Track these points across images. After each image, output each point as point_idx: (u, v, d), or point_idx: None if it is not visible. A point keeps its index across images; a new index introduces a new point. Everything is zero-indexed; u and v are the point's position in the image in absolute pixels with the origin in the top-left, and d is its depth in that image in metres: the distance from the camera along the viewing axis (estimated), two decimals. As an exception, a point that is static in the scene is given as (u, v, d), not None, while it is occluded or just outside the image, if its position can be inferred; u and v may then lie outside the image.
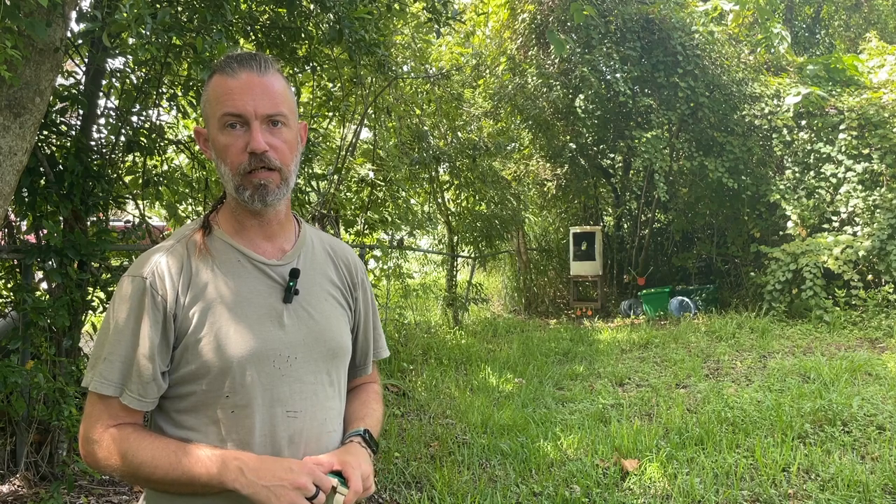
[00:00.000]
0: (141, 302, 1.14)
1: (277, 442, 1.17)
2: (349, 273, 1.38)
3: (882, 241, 8.21)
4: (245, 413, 1.15)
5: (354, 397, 1.44)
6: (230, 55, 1.21)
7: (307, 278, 1.27)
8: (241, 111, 1.15)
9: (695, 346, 7.46)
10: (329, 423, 1.25)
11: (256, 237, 1.25)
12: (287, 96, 1.21)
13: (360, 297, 1.40)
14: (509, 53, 10.87)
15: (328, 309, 1.29)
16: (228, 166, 1.17)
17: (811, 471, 3.60)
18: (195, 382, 1.16)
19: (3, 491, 3.15)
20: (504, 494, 3.44)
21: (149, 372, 1.14)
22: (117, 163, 3.91)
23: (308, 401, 1.21)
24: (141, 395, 1.14)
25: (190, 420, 1.17)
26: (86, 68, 3.61)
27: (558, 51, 6.96)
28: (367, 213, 6.52)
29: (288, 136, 1.20)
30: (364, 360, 1.45)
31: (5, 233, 3.36)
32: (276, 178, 1.18)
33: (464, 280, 11.48)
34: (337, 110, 6.16)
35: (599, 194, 13.12)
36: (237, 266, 1.21)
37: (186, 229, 1.27)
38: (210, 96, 1.19)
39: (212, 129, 1.19)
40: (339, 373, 1.30)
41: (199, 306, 1.16)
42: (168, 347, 1.16)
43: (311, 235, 1.36)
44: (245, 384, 1.15)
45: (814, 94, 9.04)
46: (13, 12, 2.06)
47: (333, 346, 1.27)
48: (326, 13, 3.95)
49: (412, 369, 6.38)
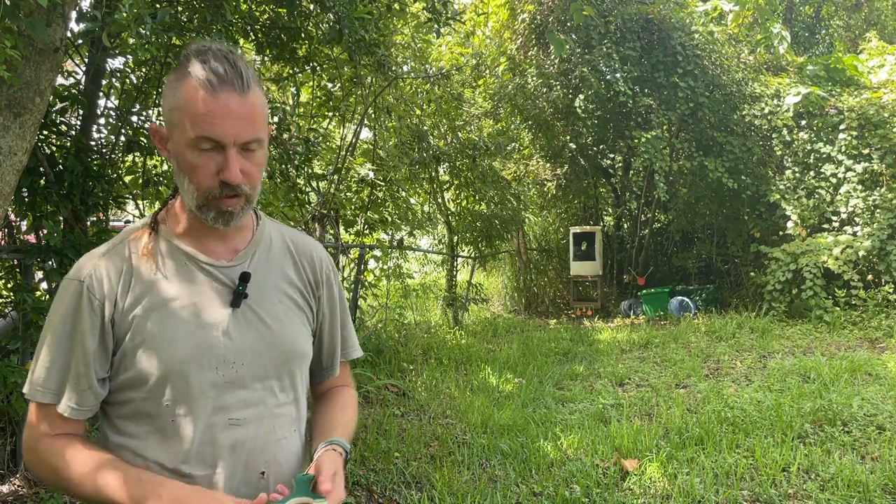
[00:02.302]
0: (78, 306, 1.10)
1: (217, 451, 1.12)
2: (312, 271, 1.31)
3: (882, 241, 8.21)
4: (185, 422, 1.11)
5: (327, 402, 1.37)
6: (206, 58, 1.08)
7: (260, 279, 1.21)
8: (219, 137, 1.06)
9: (695, 346, 7.46)
10: (279, 430, 1.19)
11: (208, 238, 1.19)
12: (264, 114, 1.14)
13: (323, 295, 1.32)
14: (509, 53, 10.87)
15: (282, 312, 1.22)
16: (194, 185, 1.10)
17: (811, 471, 3.60)
18: (134, 390, 1.11)
19: (3, 491, 3.15)
20: (504, 494, 3.44)
21: (85, 380, 1.09)
22: (117, 163, 3.90)
23: (254, 408, 1.16)
24: (78, 404, 1.10)
25: (131, 427, 1.13)
26: (86, 68, 3.61)
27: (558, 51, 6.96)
28: (367, 213, 6.52)
29: (261, 159, 1.14)
30: (330, 361, 1.38)
31: (5, 233, 3.36)
32: (241, 202, 1.13)
33: (464, 280, 11.48)
34: (337, 110, 6.16)
35: (599, 194, 13.12)
36: (183, 268, 1.16)
37: (132, 229, 1.21)
38: (182, 105, 1.07)
39: (179, 141, 1.09)
40: (293, 378, 1.24)
41: (140, 311, 1.11)
42: (106, 354, 1.11)
43: (271, 231, 1.29)
44: (185, 392, 1.10)
45: (814, 94, 9.04)
46: (13, 12, 2.06)
47: (286, 351, 1.21)
48: (326, 13, 3.95)
49: (412, 369, 6.38)
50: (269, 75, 5.27)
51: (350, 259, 6.47)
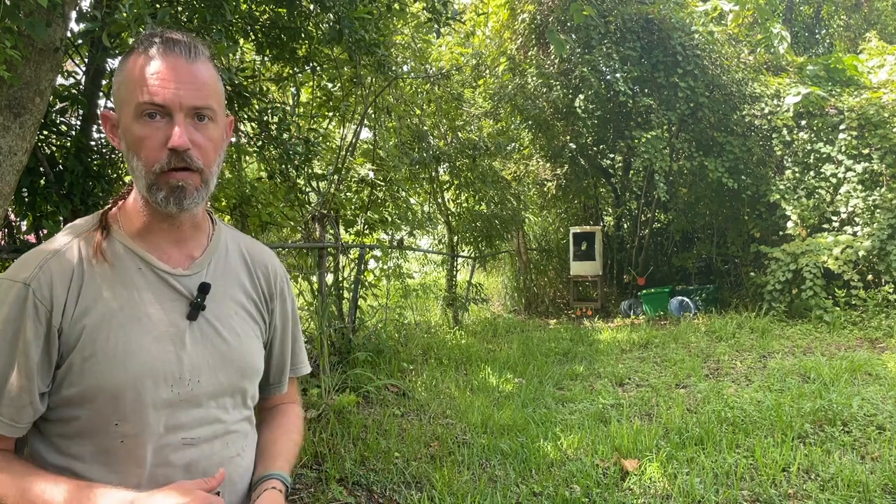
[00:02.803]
0: (21, 312, 0.99)
1: (171, 472, 1.04)
2: (266, 281, 1.24)
3: (882, 241, 8.21)
4: (136, 443, 1.02)
5: (272, 422, 1.32)
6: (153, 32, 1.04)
7: (217, 290, 1.13)
8: (164, 101, 1.00)
9: (695, 346, 7.46)
10: (232, 448, 1.13)
11: (163, 241, 1.10)
12: (217, 88, 1.07)
13: (276, 308, 1.26)
14: (509, 53, 10.87)
15: (238, 325, 1.16)
16: (142, 161, 1.02)
17: (811, 471, 3.60)
18: (80, 407, 1.01)
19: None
20: (504, 494, 3.44)
21: (25, 394, 0.99)
22: (117, 163, 3.91)
23: (210, 427, 1.09)
24: (13, 420, 1.00)
25: (73, 447, 1.03)
26: (86, 68, 3.61)
27: (558, 51, 6.96)
28: (367, 213, 6.52)
29: (214, 134, 1.06)
30: (279, 377, 1.32)
31: (5, 233, 3.36)
32: (195, 180, 1.04)
33: (464, 280, 11.48)
34: (337, 110, 6.16)
35: (599, 194, 13.13)
36: (137, 275, 1.07)
37: (81, 227, 1.10)
38: (126, 78, 1.03)
39: (125, 117, 1.03)
40: (246, 395, 1.17)
41: (89, 320, 1.01)
42: (50, 366, 1.01)
43: (227, 238, 1.22)
44: (137, 411, 1.01)
45: (814, 94, 9.04)
46: (13, 12, 2.06)
47: (242, 367, 1.14)
48: (326, 13, 3.95)
49: (412, 369, 6.38)
50: (269, 75, 5.27)
51: (350, 259, 6.47)
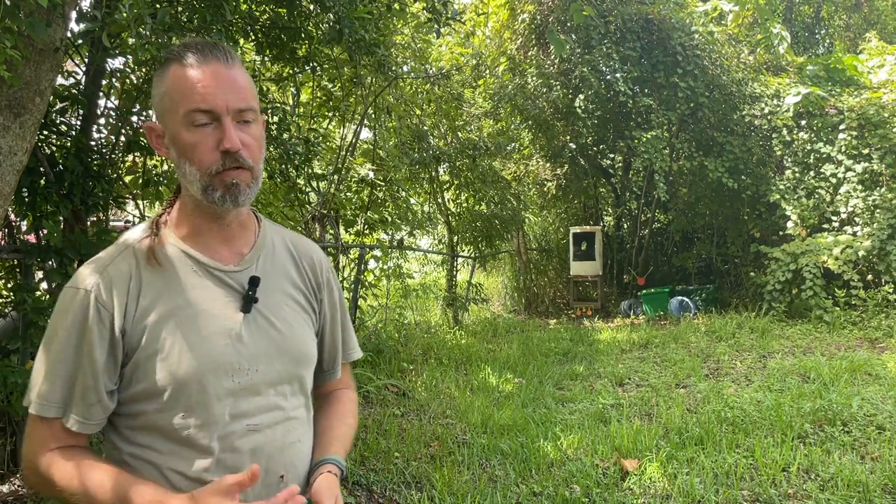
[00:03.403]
0: (85, 317, 1.06)
1: (238, 458, 1.11)
2: (313, 273, 1.30)
3: (882, 241, 8.21)
4: (202, 432, 1.08)
5: (327, 408, 1.37)
6: (187, 43, 1.10)
7: (267, 283, 1.19)
8: (212, 106, 1.06)
9: (695, 346, 7.46)
10: (293, 432, 1.19)
11: (213, 241, 1.16)
12: (253, 90, 1.14)
13: (325, 298, 1.32)
14: (509, 53, 10.87)
15: (290, 315, 1.22)
16: (196, 166, 1.08)
17: (811, 471, 3.60)
18: (147, 402, 1.08)
19: (4, 491, 3.15)
20: (504, 494, 3.44)
21: (93, 393, 1.06)
22: (117, 163, 3.90)
23: (270, 413, 1.15)
24: (85, 418, 1.07)
25: (144, 438, 1.10)
26: (86, 68, 3.61)
27: (558, 51, 6.96)
28: (367, 213, 6.52)
29: (257, 133, 1.13)
30: (332, 364, 1.38)
31: (5, 233, 3.36)
32: (247, 177, 1.11)
33: (464, 280, 11.48)
34: (337, 110, 6.16)
35: (599, 194, 13.13)
36: (191, 275, 1.13)
37: (135, 233, 1.17)
38: (169, 88, 1.09)
39: (173, 126, 1.09)
40: (302, 381, 1.23)
41: (150, 320, 1.08)
42: (116, 365, 1.08)
43: (272, 234, 1.28)
44: (202, 402, 1.08)
45: (814, 94, 9.04)
46: (13, 12, 2.06)
47: (296, 355, 1.20)
48: (326, 13, 3.95)
49: (412, 369, 6.38)
50: (269, 75, 5.27)
51: (350, 259, 6.47)
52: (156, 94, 1.12)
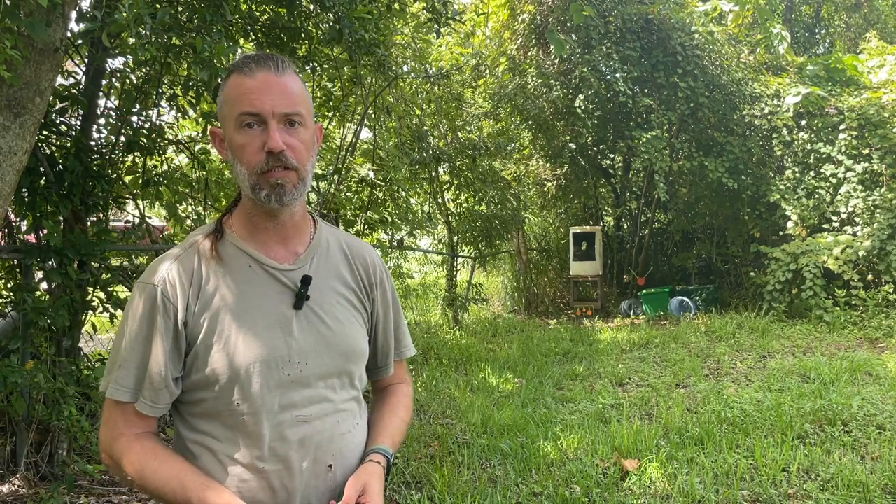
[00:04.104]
0: (153, 310, 1.16)
1: (287, 446, 1.18)
2: (366, 273, 1.36)
3: (882, 241, 8.21)
4: (254, 420, 1.16)
5: (381, 402, 1.44)
6: (248, 55, 1.20)
7: (320, 282, 1.26)
8: (259, 110, 1.14)
9: (695, 346, 7.46)
10: (343, 424, 1.25)
11: (270, 240, 1.24)
12: (304, 97, 1.21)
13: (377, 297, 1.38)
14: (509, 53, 10.87)
15: (341, 313, 1.28)
16: (245, 165, 1.17)
17: (811, 471, 3.60)
18: (206, 389, 1.17)
19: (3, 491, 3.15)
20: (504, 494, 3.44)
21: (160, 379, 1.15)
22: (117, 163, 3.91)
23: (319, 405, 1.22)
24: (154, 402, 1.16)
25: (204, 425, 1.19)
26: (86, 68, 3.62)
27: (558, 51, 6.96)
28: (367, 213, 6.52)
29: (304, 136, 1.20)
30: (385, 360, 1.44)
31: (5, 233, 3.36)
32: (293, 178, 1.18)
33: (464, 280, 11.48)
34: (337, 110, 6.16)
35: (599, 194, 13.12)
36: (248, 271, 1.21)
37: (198, 233, 1.27)
38: (227, 96, 1.19)
39: (228, 129, 1.19)
40: (352, 376, 1.29)
41: (209, 313, 1.17)
42: (179, 355, 1.17)
43: (327, 235, 1.35)
44: (253, 392, 1.16)
45: (814, 94, 9.04)
46: (13, 12, 2.06)
47: (346, 351, 1.26)
48: (326, 13, 3.95)
49: (412, 369, 6.39)
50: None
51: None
52: (219, 102, 1.22)
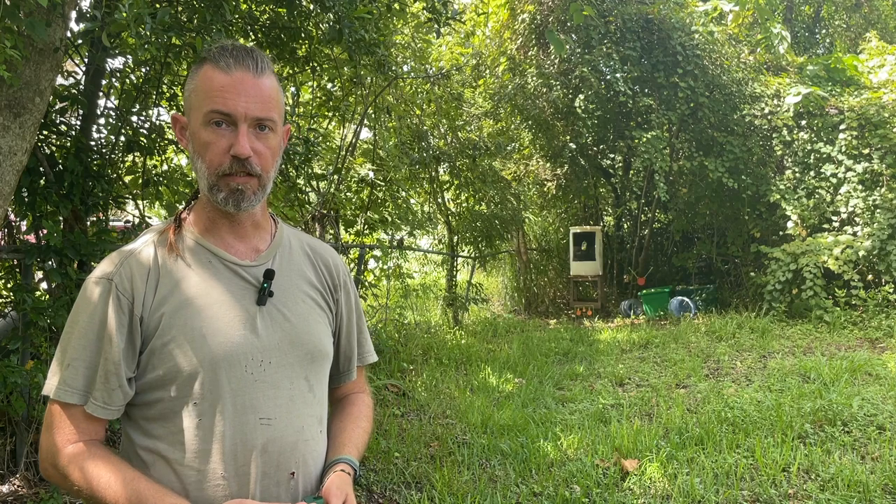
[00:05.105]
0: (105, 304, 1.09)
1: (248, 451, 1.11)
2: (329, 274, 1.32)
3: (882, 241, 8.21)
4: (213, 421, 1.09)
5: (342, 411, 1.37)
6: (225, 46, 1.14)
7: (283, 279, 1.22)
8: (231, 111, 1.09)
9: (695, 346, 7.46)
10: (307, 430, 1.19)
11: (228, 236, 1.19)
12: (279, 100, 1.17)
13: (341, 298, 1.34)
14: (509, 53, 10.87)
15: (305, 311, 1.23)
16: (206, 164, 1.12)
17: (811, 471, 3.60)
18: (161, 389, 1.10)
19: (3, 491, 3.15)
20: (504, 494, 3.44)
21: (114, 378, 1.08)
22: (117, 163, 3.91)
23: (284, 408, 1.15)
24: (106, 403, 1.09)
25: (158, 429, 1.11)
26: (86, 68, 3.61)
27: (558, 51, 6.96)
28: (367, 213, 6.52)
29: (272, 142, 1.15)
30: (348, 365, 1.39)
31: (5, 233, 3.36)
32: (253, 185, 1.13)
33: (464, 280, 11.48)
34: (337, 110, 6.15)
35: (599, 194, 13.12)
36: (208, 266, 1.16)
37: (156, 227, 1.22)
38: (198, 87, 1.12)
39: (194, 122, 1.13)
40: (318, 378, 1.24)
41: (167, 308, 1.11)
42: (134, 352, 1.11)
43: (289, 236, 1.30)
44: (214, 390, 1.09)
45: (814, 94, 9.03)
46: (13, 12, 2.06)
47: (311, 350, 1.21)
48: (326, 13, 3.95)
49: (412, 369, 6.38)
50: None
51: (350, 259, 6.48)
52: (187, 89, 1.16)
